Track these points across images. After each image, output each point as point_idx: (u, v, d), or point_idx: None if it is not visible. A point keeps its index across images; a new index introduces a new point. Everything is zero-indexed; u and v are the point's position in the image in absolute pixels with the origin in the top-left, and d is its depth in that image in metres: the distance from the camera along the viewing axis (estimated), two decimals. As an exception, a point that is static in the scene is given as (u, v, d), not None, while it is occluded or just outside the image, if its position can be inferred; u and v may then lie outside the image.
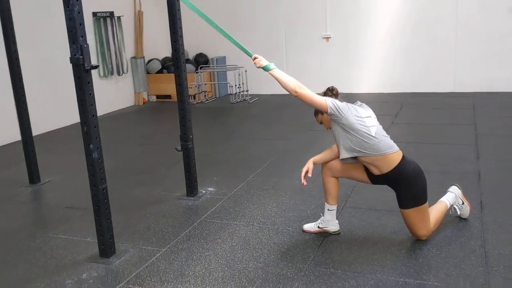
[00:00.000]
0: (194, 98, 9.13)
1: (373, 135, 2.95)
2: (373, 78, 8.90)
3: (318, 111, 3.19)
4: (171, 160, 5.44)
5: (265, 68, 3.05)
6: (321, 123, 3.22)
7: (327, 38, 9.01)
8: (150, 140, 6.57)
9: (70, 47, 2.88)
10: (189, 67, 9.42)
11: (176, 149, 4.19)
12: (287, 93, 3.03)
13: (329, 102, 2.94)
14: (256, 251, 3.19)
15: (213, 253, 3.20)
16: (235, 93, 8.99)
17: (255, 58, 3.11)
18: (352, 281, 2.76)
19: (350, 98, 3.22)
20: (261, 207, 3.91)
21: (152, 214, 3.91)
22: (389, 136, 3.10)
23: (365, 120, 2.99)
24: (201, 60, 9.71)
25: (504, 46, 8.00)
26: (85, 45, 2.89)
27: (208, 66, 9.54)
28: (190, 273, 2.96)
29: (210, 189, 4.41)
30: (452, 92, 8.36)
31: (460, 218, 3.46)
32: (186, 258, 3.15)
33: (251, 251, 3.19)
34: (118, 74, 8.79)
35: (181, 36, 3.96)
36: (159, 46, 9.83)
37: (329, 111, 2.93)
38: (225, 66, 9.55)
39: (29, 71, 5.73)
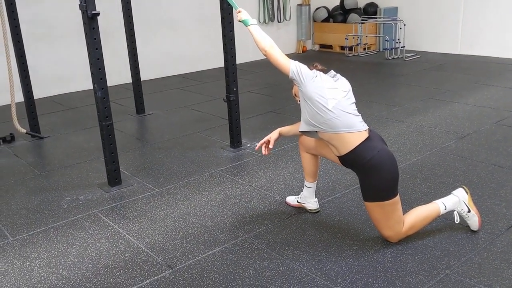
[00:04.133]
0: (351, 50, 8.75)
1: (329, 108, 2.55)
2: None
3: (293, 82, 2.89)
4: (264, 110, 5.55)
5: (244, 23, 2.89)
6: (294, 95, 2.91)
7: (516, -10, 7.41)
8: (270, 89, 6.69)
9: (79, -5, 3.23)
10: (355, 17, 8.99)
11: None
12: (453, 52, 2.79)
13: (292, 65, 2.64)
14: (222, 210, 3.18)
15: (188, 204, 3.31)
16: (392, 48, 8.27)
17: (238, 12, 2.96)
18: (266, 262, 2.58)
19: None
20: (277, 171, 3.78)
21: (186, 157, 4.17)
22: (357, 115, 2.63)
23: (326, 91, 2.59)
24: (370, 10, 9.12)
25: None
26: (91, -6, 3.19)
27: (371, 17, 8.93)
28: (149, 216, 3.16)
29: (256, 144, 4.40)
30: None
31: (470, 229, 2.77)
32: (163, 202, 3.35)
33: (219, 209, 3.20)
34: (278, 21, 8.97)
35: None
36: (329, -6, 9.60)
37: (290, 74, 2.64)
38: (384, 18, 8.78)
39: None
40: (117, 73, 6.89)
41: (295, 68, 2.62)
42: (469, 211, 2.72)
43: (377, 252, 2.62)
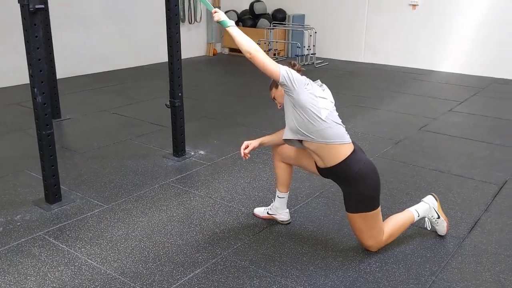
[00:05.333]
0: (262, 55, 8.83)
1: (323, 118, 2.51)
2: (459, 56, 7.83)
3: (273, 85, 2.80)
4: (197, 115, 5.33)
5: (222, 24, 2.72)
6: (273, 99, 2.82)
7: (414, 5, 8.05)
8: (194, 93, 6.46)
9: (18, -13, 2.80)
10: (264, 22, 9.10)
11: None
12: (359, 60, 2.70)
13: (283, 70, 2.53)
14: (189, 226, 2.98)
15: (147, 220, 3.04)
16: (303, 55, 8.51)
17: (215, 12, 2.78)
18: (256, 281, 2.45)
19: (431, 75, 2.57)
20: (233, 180, 3.65)
21: (127, 168, 3.85)
22: (343, 126, 2.63)
23: (318, 99, 2.54)
24: (278, 16, 9.30)
25: None
26: (33, -14, 2.78)
27: (281, 24, 9.12)
28: (108, 236, 2.84)
29: (201, 152, 4.22)
30: (551, 84, 7.08)
31: (437, 234, 2.90)
32: (118, 219, 3.04)
33: (185, 225, 2.99)
34: (190, 22, 8.76)
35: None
36: (239, -2, 9.62)
37: (281, 79, 2.53)
38: (294, 25, 9.04)
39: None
40: (19, 70, 6.17)
41: (285, 73, 2.52)
42: (438, 217, 2.84)
43: (362, 262, 2.63)
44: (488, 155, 4.22)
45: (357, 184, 2.54)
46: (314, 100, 2.53)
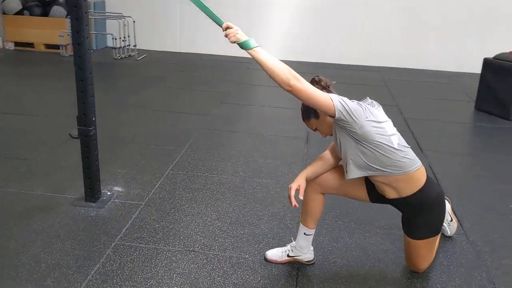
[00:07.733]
0: (66, 48, 7.47)
1: (395, 147, 2.15)
2: (278, 42, 8.10)
3: (310, 115, 2.28)
4: (54, 139, 4.10)
5: (243, 46, 2.05)
6: (315, 130, 2.32)
7: (229, -8, 7.93)
8: (17, 106, 5.00)
9: None
10: (60, 10, 7.70)
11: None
12: (176, 50, 2.08)
13: (336, 103, 2.05)
14: (211, 300, 2.24)
15: (149, 308, 2.17)
16: (119, 47, 7.53)
17: (227, 28, 2.07)
18: None
19: (255, 63, 2.08)
20: (197, 221, 2.91)
21: (40, 233, 2.68)
22: (410, 146, 2.32)
23: (383, 125, 2.16)
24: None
25: (412, 22, 7.78)
26: None
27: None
28: None
29: (116, 188, 3.26)
30: (359, 65, 7.92)
31: (444, 236, 2.88)
32: (108, 319, 2.08)
33: (205, 300, 2.24)
34: (-38, 11, 6.75)
35: (87, -28, 2.66)
36: (18, -20, 7.84)
37: (337, 115, 2.04)
38: (107, 13, 7.96)
39: None
40: None
41: (341, 106, 2.06)
42: (451, 220, 2.82)
43: (425, 288, 2.41)
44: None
45: (432, 211, 2.29)
46: (381, 129, 2.14)
